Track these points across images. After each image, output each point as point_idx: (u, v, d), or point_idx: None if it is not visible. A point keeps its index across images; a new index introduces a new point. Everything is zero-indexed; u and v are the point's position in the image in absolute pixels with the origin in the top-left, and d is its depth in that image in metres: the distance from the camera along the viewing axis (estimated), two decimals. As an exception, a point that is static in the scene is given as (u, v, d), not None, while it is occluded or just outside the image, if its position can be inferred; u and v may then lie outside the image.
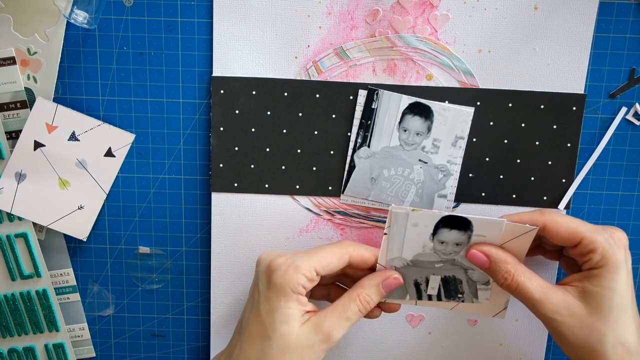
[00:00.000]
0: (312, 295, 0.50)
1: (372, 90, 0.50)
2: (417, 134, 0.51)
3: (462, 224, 0.46)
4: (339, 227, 0.53)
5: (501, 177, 0.52)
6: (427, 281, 0.49)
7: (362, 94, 0.51)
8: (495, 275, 0.46)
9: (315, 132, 0.52)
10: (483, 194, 0.52)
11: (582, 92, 0.51)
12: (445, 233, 0.46)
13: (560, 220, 0.45)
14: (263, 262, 0.46)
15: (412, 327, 0.56)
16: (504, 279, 0.45)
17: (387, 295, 0.47)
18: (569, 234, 0.45)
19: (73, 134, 0.51)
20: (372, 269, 0.48)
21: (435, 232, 0.46)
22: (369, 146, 0.51)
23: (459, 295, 0.49)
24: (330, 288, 0.50)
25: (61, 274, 0.55)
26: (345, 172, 0.52)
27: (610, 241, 0.44)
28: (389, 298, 0.48)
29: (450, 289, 0.49)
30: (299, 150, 0.52)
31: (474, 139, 0.51)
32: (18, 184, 0.52)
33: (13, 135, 0.52)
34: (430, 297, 0.49)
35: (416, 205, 0.52)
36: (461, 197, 0.52)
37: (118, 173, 0.53)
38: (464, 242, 0.47)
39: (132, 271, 0.55)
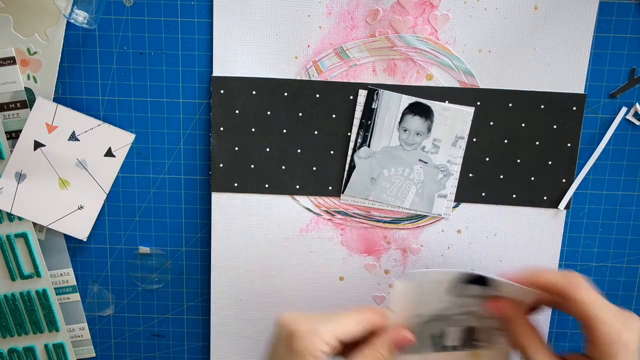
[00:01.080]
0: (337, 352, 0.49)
1: (372, 90, 0.50)
2: (417, 134, 0.51)
3: (482, 281, 0.45)
4: (339, 227, 0.53)
5: (501, 177, 0.52)
6: (444, 333, 0.48)
7: (362, 94, 0.51)
8: (507, 331, 0.46)
9: (315, 132, 0.52)
10: (483, 194, 0.52)
11: (582, 92, 0.51)
12: (467, 288, 0.45)
13: (589, 301, 0.43)
14: (284, 325, 0.45)
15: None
16: (514, 340, 0.45)
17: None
18: (590, 320, 0.42)
19: (73, 134, 0.51)
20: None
21: (453, 286, 0.46)
22: (369, 146, 0.51)
23: (476, 343, 0.48)
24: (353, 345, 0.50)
25: (61, 274, 0.55)
26: (345, 172, 0.52)
27: (625, 348, 0.42)
28: (404, 352, 0.48)
29: (467, 338, 0.48)
30: (299, 150, 0.52)
31: (474, 139, 0.51)
32: (18, 184, 0.52)
33: (13, 135, 0.52)
34: (446, 348, 0.48)
35: (416, 205, 0.52)
36: (461, 197, 0.52)
37: (118, 173, 0.53)
38: (482, 296, 0.46)
39: (132, 271, 0.55)
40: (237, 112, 0.51)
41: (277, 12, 0.50)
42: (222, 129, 0.51)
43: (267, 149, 0.52)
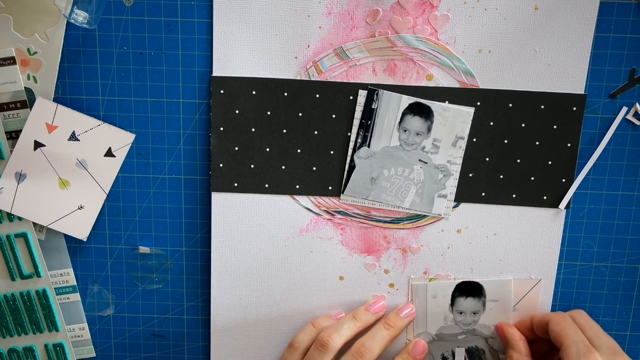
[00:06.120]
0: None
1: (372, 91, 0.50)
2: (417, 134, 0.51)
3: (476, 290, 0.52)
4: (339, 227, 0.53)
5: (501, 177, 0.52)
6: (453, 355, 0.52)
7: (362, 94, 0.51)
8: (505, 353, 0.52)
9: (315, 132, 0.52)
10: (483, 194, 0.52)
11: (582, 92, 0.51)
12: (461, 302, 0.52)
13: (558, 322, 0.49)
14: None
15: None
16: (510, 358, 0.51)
17: None
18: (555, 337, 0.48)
19: (73, 133, 0.51)
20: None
21: (452, 302, 0.51)
22: (369, 146, 0.51)
23: None
24: None
25: (61, 274, 0.55)
26: (345, 172, 0.52)
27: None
28: None
29: (476, 358, 0.53)
30: (299, 150, 0.52)
31: (474, 139, 0.51)
32: (18, 184, 0.52)
33: (13, 135, 0.52)
34: None
35: (416, 205, 0.52)
36: (461, 197, 0.52)
37: (118, 173, 0.53)
38: (481, 310, 0.51)
39: (132, 271, 0.55)
40: (237, 112, 0.51)
41: (277, 12, 0.50)
42: (222, 129, 0.51)
43: (267, 149, 0.52)
